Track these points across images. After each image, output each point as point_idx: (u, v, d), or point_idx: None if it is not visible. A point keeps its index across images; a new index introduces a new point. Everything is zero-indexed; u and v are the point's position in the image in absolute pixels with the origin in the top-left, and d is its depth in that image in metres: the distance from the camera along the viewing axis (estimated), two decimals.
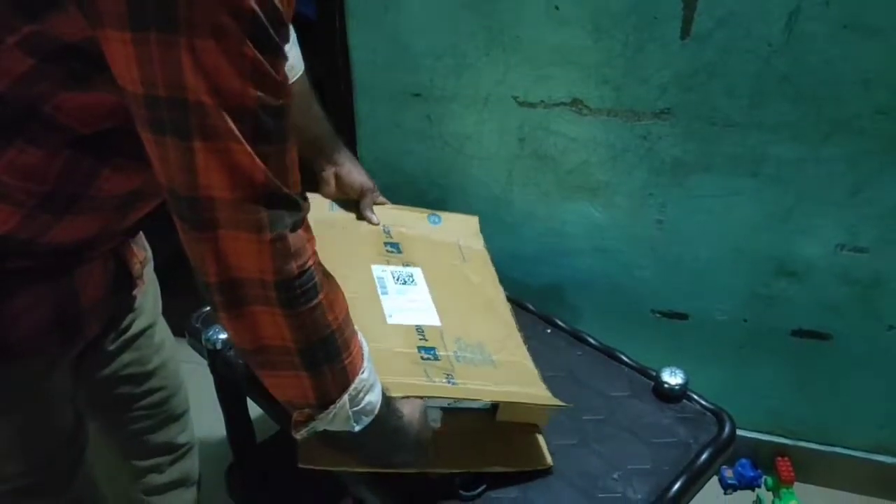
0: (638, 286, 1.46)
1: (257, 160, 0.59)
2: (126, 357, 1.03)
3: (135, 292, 0.97)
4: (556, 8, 1.21)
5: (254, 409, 1.23)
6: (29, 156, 0.66)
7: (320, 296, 0.68)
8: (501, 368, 0.98)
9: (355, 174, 1.20)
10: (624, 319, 1.50)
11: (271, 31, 0.57)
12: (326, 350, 0.70)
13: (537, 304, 1.23)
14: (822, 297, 1.37)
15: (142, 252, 0.95)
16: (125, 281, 0.93)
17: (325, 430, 0.75)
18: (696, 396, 1.05)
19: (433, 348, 0.97)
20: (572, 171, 1.38)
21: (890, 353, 1.39)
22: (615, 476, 0.93)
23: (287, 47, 0.95)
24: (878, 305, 1.35)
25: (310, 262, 0.66)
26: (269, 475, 1.40)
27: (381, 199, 1.22)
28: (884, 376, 1.42)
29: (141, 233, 0.96)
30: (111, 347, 1.00)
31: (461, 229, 1.24)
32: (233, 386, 1.16)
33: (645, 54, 1.22)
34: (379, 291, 1.05)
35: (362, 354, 0.75)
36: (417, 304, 1.05)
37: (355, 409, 0.74)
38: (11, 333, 0.76)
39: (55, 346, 0.81)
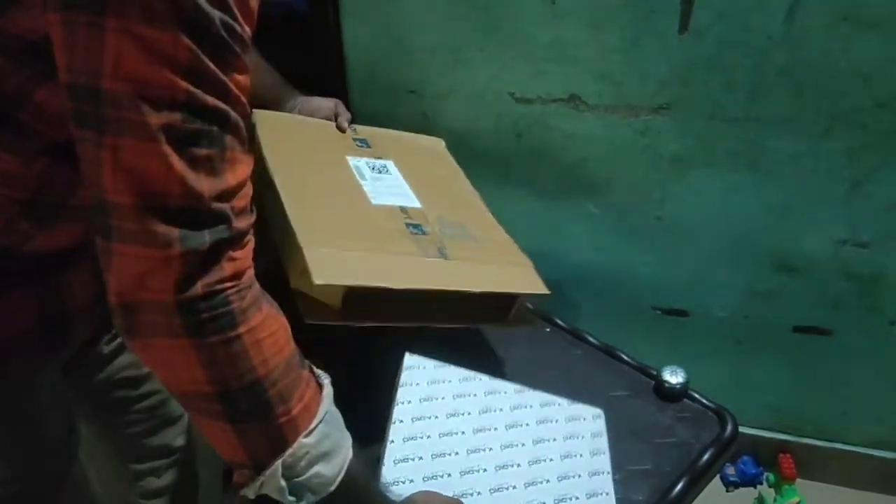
0: (637, 283, 1.45)
1: (176, 165, 0.52)
2: (122, 360, 1.02)
3: None
4: (553, 2, 1.20)
5: None
6: (5, 163, 0.64)
7: (240, 328, 0.57)
8: (486, 245, 1.02)
9: (318, 101, 1.21)
10: (623, 316, 1.49)
11: (219, 26, 0.52)
12: (251, 401, 0.58)
13: (536, 302, 1.22)
14: (823, 293, 1.36)
15: None
16: None
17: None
18: (697, 395, 1.04)
19: (419, 225, 0.98)
20: (571, 167, 1.36)
21: (891, 348, 1.38)
22: (616, 477, 0.92)
23: None
24: (879, 300, 1.34)
25: (227, 284, 0.56)
26: None
27: (348, 114, 1.23)
28: (885, 371, 1.41)
29: None
30: (106, 351, 0.99)
31: (428, 143, 1.30)
32: None
33: (643, 49, 1.20)
34: (357, 178, 1.06)
35: (315, 412, 0.62)
36: (395, 189, 1.07)
37: (296, 479, 0.61)
38: None
39: (41, 350, 0.79)
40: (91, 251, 0.81)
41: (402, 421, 0.89)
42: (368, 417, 0.86)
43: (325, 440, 0.63)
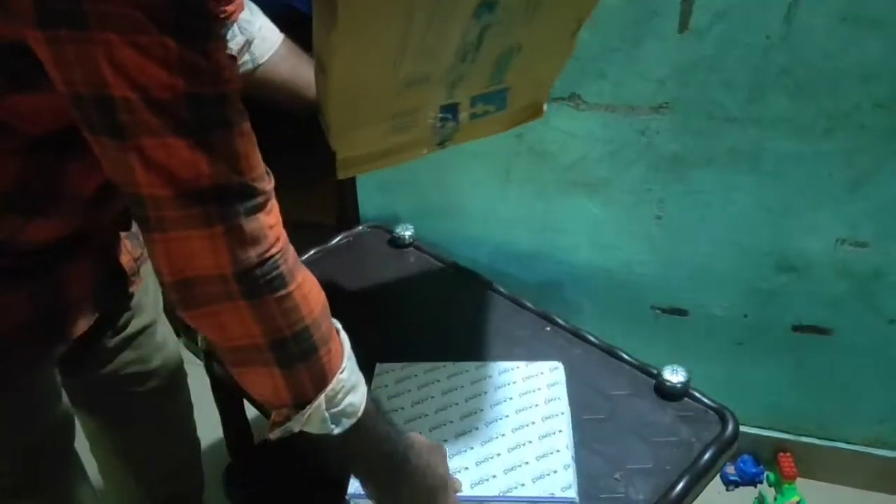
0: (637, 282, 1.45)
1: (197, 152, 0.57)
2: (126, 356, 1.02)
3: (131, 290, 0.95)
4: None
5: (250, 410, 1.23)
6: None
7: (290, 286, 0.64)
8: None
9: None
10: (623, 316, 1.49)
11: (193, 15, 0.54)
12: (300, 346, 0.66)
13: (535, 302, 1.22)
14: (823, 292, 1.36)
15: (137, 249, 0.93)
16: (118, 278, 0.91)
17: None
18: (698, 394, 1.04)
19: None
20: (570, 166, 1.36)
21: (890, 346, 1.38)
22: (617, 476, 0.92)
23: (248, 21, 0.94)
24: (879, 299, 1.34)
25: (273, 250, 0.63)
26: (267, 476, 1.39)
27: None
28: (884, 370, 1.42)
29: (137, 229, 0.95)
30: (110, 345, 0.99)
31: None
32: (229, 387, 1.15)
33: (643, 48, 1.21)
34: None
35: (342, 353, 0.71)
36: None
37: (334, 409, 0.70)
38: None
39: (35, 344, 0.80)
40: (91, 244, 0.81)
41: None
42: None
43: (352, 375, 0.71)
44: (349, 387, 0.71)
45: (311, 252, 1.39)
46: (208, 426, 1.28)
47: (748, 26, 1.14)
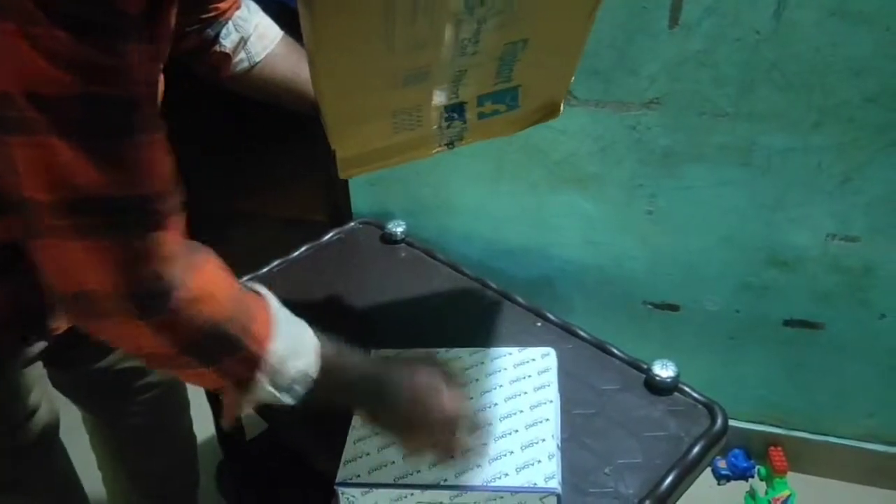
0: (629, 277, 1.46)
1: (85, 158, 0.52)
2: (120, 351, 1.02)
3: None
4: None
5: None
6: None
7: (191, 294, 0.60)
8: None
9: None
10: (615, 311, 1.50)
11: (96, 10, 0.50)
12: (219, 343, 0.63)
13: (527, 297, 1.22)
14: (814, 287, 1.36)
15: None
16: None
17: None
18: (687, 389, 1.04)
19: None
20: (561, 162, 1.37)
21: (881, 341, 1.39)
22: (606, 471, 0.92)
23: (244, 19, 0.93)
24: (870, 294, 1.34)
25: (170, 268, 0.58)
26: (259, 472, 1.39)
27: None
28: (875, 365, 1.42)
29: None
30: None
31: None
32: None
33: (633, 44, 1.21)
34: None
35: (270, 323, 0.67)
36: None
37: (280, 381, 0.67)
38: None
39: (11, 339, 0.79)
40: None
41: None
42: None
43: (287, 339, 0.67)
44: (288, 354, 0.67)
45: (304, 248, 1.39)
46: (201, 422, 1.28)
47: (738, 21, 1.14)
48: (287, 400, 0.68)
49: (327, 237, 1.43)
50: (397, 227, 1.39)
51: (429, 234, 1.49)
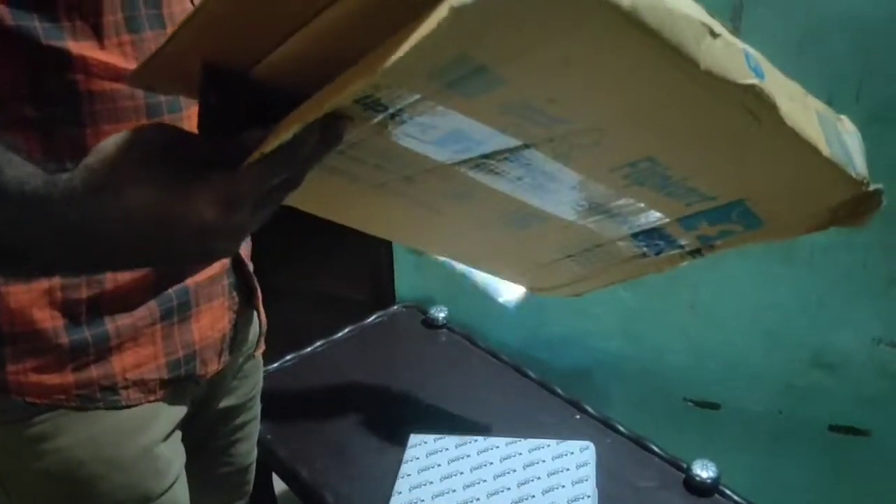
0: (669, 372, 1.44)
1: None
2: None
3: None
4: None
5: (278, 484, 1.23)
6: None
7: None
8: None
9: None
10: (654, 406, 1.48)
11: None
12: None
13: (565, 388, 1.22)
14: (860, 391, 1.33)
15: None
16: None
17: None
18: (728, 492, 1.02)
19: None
20: None
21: None
22: None
23: None
24: None
25: None
26: None
27: None
28: None
29: None
30: None
31: None
32: (257, 461, 1.15)
33: None
34: None
35: None
36: None
37: None
38: None
39: None
40: None
41: (400, 492, 1.00)
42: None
43: None
44: None
45: (347, 329, 1.41)
46: None
47: None
48: None
49: (370, 319, 1.46)
50: (440, 313, 1.41)
51: (470, 319, 1.51)
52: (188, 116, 0.67)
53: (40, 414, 0.70)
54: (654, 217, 0.66)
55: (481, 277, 1.07)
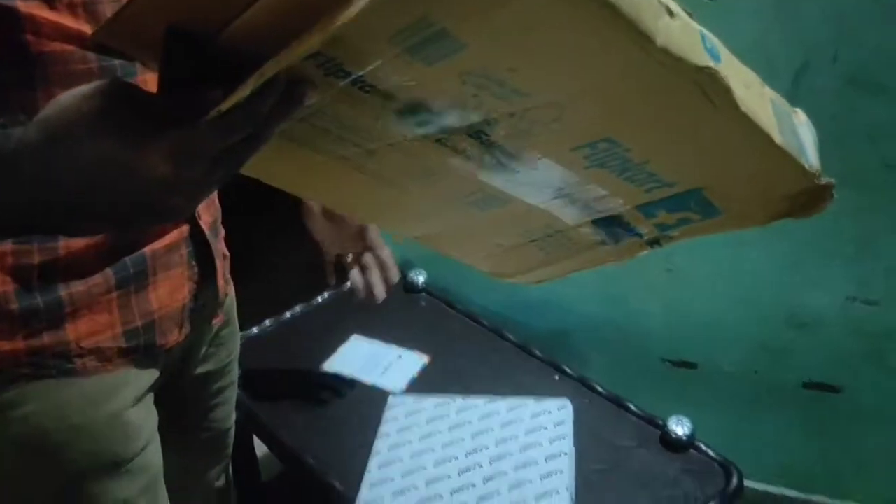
0: (646, 334, 1.46)
1: None
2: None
3: None
4: None
5: (260, 448, 1.24)
6: None
7: None
8: None
9: None
10: (632, 367, 1.50)
11: None
12: None
13: (544, 350, 1.23)
14: (833, 349, 1.36)
15: None
16: None
17: None
18: (703, 447, 1.04)
19: None
20: None
21: None
22: None
23: None
24: (890, 358, 1.33)
25: None
26: None
27: None
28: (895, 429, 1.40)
29: None
30: None
31: None
32: (238, 425, 1.16)
33: None
34: None
35: None
36: None
37: None
38: None
39: None
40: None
41: (379, 452, 1.01)
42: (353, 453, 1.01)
43: None
44: None
45: (326, 294, 1.41)
46: None
47: None
48: None
49: (350, 284, 1.45)
50: (418, 276, 1.42)
51: (449, 283, 1.51)
52: (143, 81, 0.65)
53: (4, 383, 0.69)
54: (613, 203, 0.67)
55: None
